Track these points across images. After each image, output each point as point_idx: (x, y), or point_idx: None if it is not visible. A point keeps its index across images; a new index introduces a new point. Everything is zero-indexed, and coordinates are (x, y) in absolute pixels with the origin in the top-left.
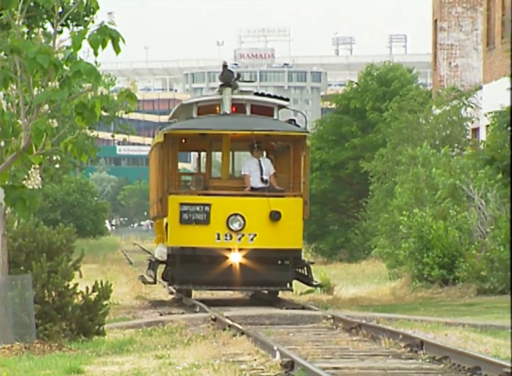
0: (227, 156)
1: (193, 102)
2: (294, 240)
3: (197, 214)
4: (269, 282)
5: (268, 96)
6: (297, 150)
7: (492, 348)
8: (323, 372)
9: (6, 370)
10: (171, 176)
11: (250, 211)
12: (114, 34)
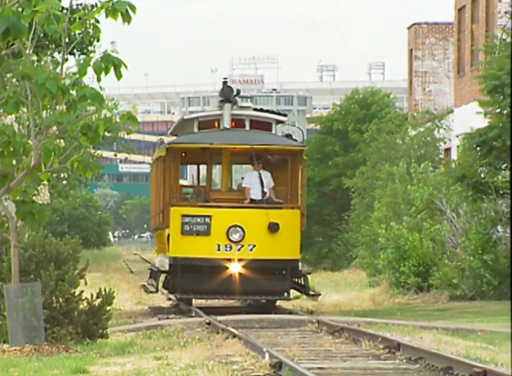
0: (227, 169)
1: (194, 117)
2: (291, 251)
3: (198, 225)
4: (268, 292)
5: (266, 112)
6: (295, 163)
7: (463, 349)
8: (309, 371)
9: (17, 370)
10: (172, 188)
11: (249, 222)
12: (116, 61)
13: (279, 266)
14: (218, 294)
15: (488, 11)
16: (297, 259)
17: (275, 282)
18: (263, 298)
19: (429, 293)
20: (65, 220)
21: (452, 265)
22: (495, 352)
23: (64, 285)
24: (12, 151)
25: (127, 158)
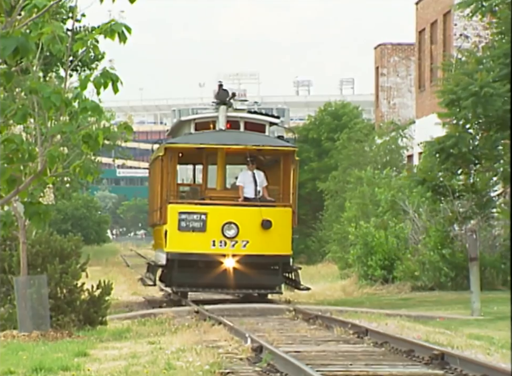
0: (222, 168)
1: (191, 119)
2: (283, 247)
3: (194, 222)
4: (260, 286)
5: (260, 114)
6: (287, 163)
7: (423, 334)
8: (286, 355)
9: (26, 354)
10: (170, 186)
11: (243, 220)
12: (114, 77)
13: (271, 261)
14: (213, 288)
15: (445, 34)
16: (289, 254)
17: (268, 277)
18: (255, 292)
19: (394, 284)
20: (68, 219)
21: (413, 259)
22: (452, 336)
23: (67, 278)
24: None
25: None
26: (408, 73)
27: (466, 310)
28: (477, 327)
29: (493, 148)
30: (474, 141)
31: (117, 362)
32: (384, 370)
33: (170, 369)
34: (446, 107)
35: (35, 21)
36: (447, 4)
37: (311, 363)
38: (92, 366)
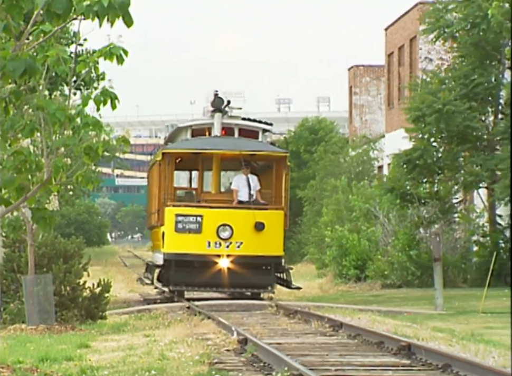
0: (217, 173)
1: (188, 125)
2: (275, 248)
3: (190, 223)
4: (254, 285)
5: (254, 121)
6: (279, 168)
7: (392, 327)
8: (269, 346)
9: (33, 345)
10: (167, 190)
11: (237, 222)
12: (112, 95)
13: (264, 262)
14: (208, 287)
15: (412, 57)
16: (281, 255)
17: (261, 276)
18: (249, 291)
19: (366, 283)
20: (72, 224)
21: (383, 260)
22: (417, 329)
23: (70, 277)
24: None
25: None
26: (378, 92)
27: (430, 305)
28: (440, 320)
29: (454, 160)
30: (438, 154)
31: (116, 353)
32: (356, 360)
33: (164, 360)
34: (413, 123)
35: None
36: (413, 30)
37: (291, 353)
38: (93, 357)
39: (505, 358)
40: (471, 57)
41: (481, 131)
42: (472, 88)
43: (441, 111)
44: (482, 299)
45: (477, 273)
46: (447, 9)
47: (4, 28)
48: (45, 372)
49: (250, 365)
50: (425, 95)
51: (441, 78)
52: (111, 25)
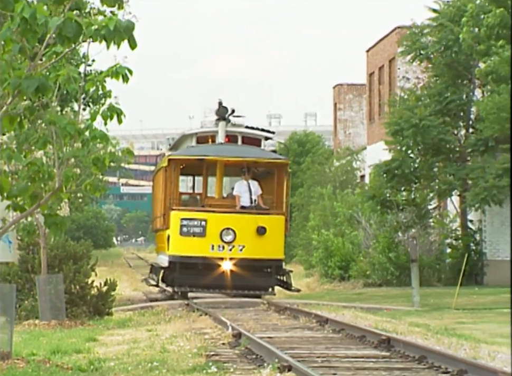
0: (221, 179)
1: (193, 133)
2: (276, 251)
3: (195, 227)
4: (255, 287)
5: (256, 129)
6: (281, 175)
7: (373, 323)
8: (261, 340)
9: (46, 339)
10: (173, 194)
11: (240, 226)
12: (118, 111)
13: (265, 265)
14: (211, 288)
15: (391, 76)
16: (281, 258)
17: (262, 279)
18: (251, 293)
19: (349, 282)
20: (81, 228)
21: (365, 261)
22: (396, 324)
23: (80, 276)
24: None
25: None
26: (360, 108)
27: (408, 302)
28: (417, 316)
29: (429, 170)
30: (414, 164)
31: (121, 346)
32: (340, 353)
33: (165, 352)
34: (392, 136)
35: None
36: (392, 52)
37: (281, 346)
38: (100, 350)
39: (475, 351)
40: (444, 76)
41: (454, 143)
42: (446, 105)
43: (417, 125)
44: (454, 296)
45: (450, 273)
46: (423, 33)
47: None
48: (57, 363)
49: (244, 357)
50: (403, 111)
51: (417, 95)
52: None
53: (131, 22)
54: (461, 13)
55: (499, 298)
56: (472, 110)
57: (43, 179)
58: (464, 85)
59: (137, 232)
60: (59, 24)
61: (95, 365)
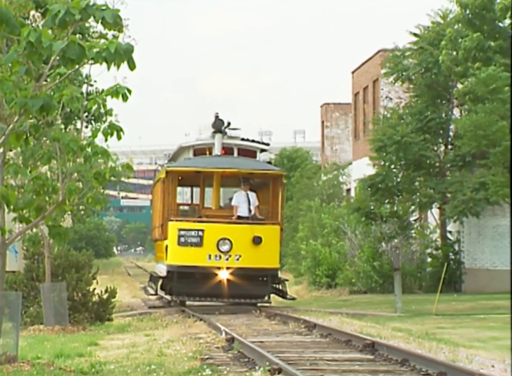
0: (217, 190)
1: (190, 145)
2: (272, 260)
3: (192, 237)
4: (251, 295)
5: (252, 141)
6: (276, 186)
7: (358, 328)
8: (252, 344)
9: (50, 343)
10: (171, 205)
11: (236, 236)
12: (118, 128)
13: (261, 273)
14: (209, 297)
15: (375, 96)
16: (277, 267)
17: (258, 288)
18: (247, 302)
19: (336, 289)
20: (83, 238)
21: (351, 270)
22: (380, 329)
23: (82, 284)
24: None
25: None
26: (346, 125)
27: (391, 308)
28: (400, 322)
29: (411, 184)
30: (397, 178)
31: (121, 350)
32: (328, 356)
33: (162, 356)
34: (376, 152)
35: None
36: (376, 73)
37: (271, 350)
38: (101, 353)
39: (454, 354)
40: (425, 96)
41: (434, 159)
42: (426, 123)
43: (399, 142)
44: (435, 303)
45: (430, 281)
46: (405, 56)
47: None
48: (60, 366)
49: (236, 360)
50: (386, 129)
51: (400, 114)
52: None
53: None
54: (440, 37)
55: (476, 304)
56: (450, 128)
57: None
58: (443, 104)
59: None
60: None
61: (96, 368)
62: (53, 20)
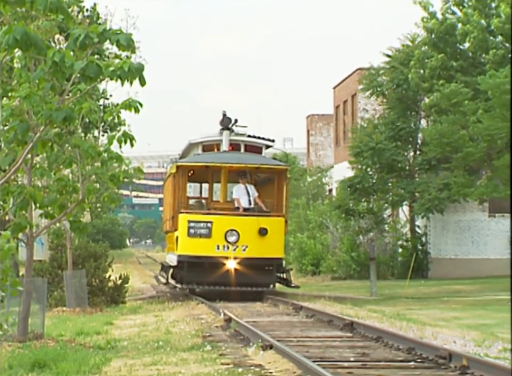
0: (225, 184)
1: (199, 142)
2: (277, 251)
3: (201, 229)
4: (257, 284)
5: (258, 138)
6: (281, 180)
7: (339, 309)
8: (247, 324)
9: (71, 323)
10: (181, 199)
11: (243, 227)
12: (130, 136)
13: (267, 263)
14: (217, 285)
15: (353, 108)
16: (282, 257)
17: (263, 276)
18: (253, 290)
19: (319, 276)
20: (100, 232)
21: (333, 259)
22: (358, 311)
23: (99, 272)
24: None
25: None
26: (328, 134)
27: (367, 293)
28: (375, 304)
29: (384, 184)
30: (372, 180)
31: (133, 329)
32: (312, 334)
33: (168, 334)
34: (354, 157)
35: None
36: (354, 89)
37: (264, 329)
38: (116, 331)
39: (421, 332)
40: (396, 109)
41: (404, 163)
42: (397, 132)
43: (374, 148)
44: (405, 288)
45: (401, 268)
46: (379, 74)
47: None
48: (80, 342)
49: (233, 338)
50: (362, 137)
51: (374, 124)
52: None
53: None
54: (409, 58)
55: (440, 289)
56: (418, 136)
57: (69, 192)
58: (412, 116)
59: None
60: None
61: (112, 344)
62: (74, 43)
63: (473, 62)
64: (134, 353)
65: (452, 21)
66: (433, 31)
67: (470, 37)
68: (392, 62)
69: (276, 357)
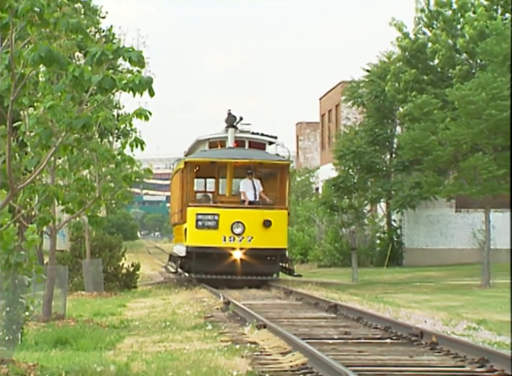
0: (231, 178)
1: (206, 138)
2: (280, 242)
3: (208, 221)
4: (262, 273)
5: (261, 135)
6: (283, 174)
7: (324, 293)
8: (244, 306)
9: (89, 305)
10: (189, 193)
11: (248, 219)
12: (141, 141)
13: (271, 253)
14: (224, 274)
15: (337, 117)
16: (285, 248)
17: (268, 266)
18: (258, 278)
19: (307, 264)
20: (114, 225)
21: (319, 249)
22: (341, 294)
23: (113, 260)
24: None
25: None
26: (315, 139)
27: (349, 279)
28: (356, 289)
29: (364, 184)
30: (354, 179)
31: (143, 310)
32: (301, 315)
33: (174, 315)
34: (338, 159)
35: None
36: (338, 100)
37: (258, 311)
38: (128, 313)
39: (396, 312)
40: (374, 117)
41: (381, 165)
42: (375, 137)
43: (355, 152)
44: (382, 274)
45: (379, 257)
46: (359, 86)
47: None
48: (97, 322)
49: (231, 318)
50: (345, 142)
51: (355, 131)
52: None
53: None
54: (386, 72)
55: (413, 275)
56: (394, 141)
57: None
58: (388, 123)
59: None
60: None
61: (125, 323)
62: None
63: (441, 76)
64: (144, 331)
65: (423, 41)
66: (407, 49)
67: (439, 54)
68: (371, 76)
69: (269, 335)
